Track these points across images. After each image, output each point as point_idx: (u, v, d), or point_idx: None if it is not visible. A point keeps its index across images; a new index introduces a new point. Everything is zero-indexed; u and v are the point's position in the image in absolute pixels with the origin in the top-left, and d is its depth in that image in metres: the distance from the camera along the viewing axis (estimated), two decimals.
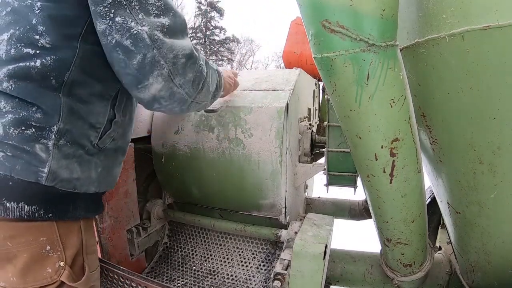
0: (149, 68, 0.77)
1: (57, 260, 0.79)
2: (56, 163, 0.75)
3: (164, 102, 0.86)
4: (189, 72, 0.85)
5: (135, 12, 0.73)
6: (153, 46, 0.75)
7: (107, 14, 0.72)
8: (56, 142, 0.75)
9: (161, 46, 0.77)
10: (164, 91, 0.82)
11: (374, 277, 1.53)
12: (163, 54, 0.77)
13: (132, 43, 0.74)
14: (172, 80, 0.82)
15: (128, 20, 0.73)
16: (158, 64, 0.77)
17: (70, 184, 0.79)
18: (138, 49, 0.74)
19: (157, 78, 0.79)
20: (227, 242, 1.57)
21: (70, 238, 0.83)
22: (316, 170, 1.56)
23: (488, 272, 1.13)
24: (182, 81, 0.84)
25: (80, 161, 0.81)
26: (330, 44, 0.75)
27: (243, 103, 1.37)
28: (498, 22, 0.69)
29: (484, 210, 0.97)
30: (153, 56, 0.76)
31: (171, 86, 0.82)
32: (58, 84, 0.75)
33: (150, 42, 0.75)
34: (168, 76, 0.80)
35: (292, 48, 2.74)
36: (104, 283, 1.16)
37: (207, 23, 28.46)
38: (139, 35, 0.74)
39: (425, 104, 0.96)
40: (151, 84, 0.79)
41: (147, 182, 1.70)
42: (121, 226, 1.43)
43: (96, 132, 0.83)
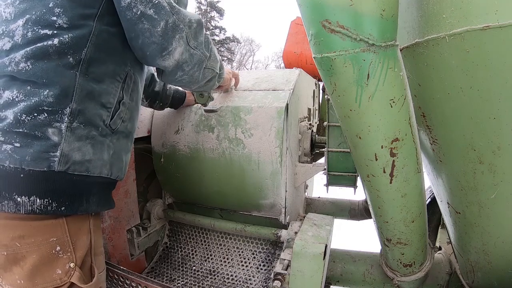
0: (171, 33, 0.84)
1: (68, 261, 0.78)
2: (68, 145, 0.76)
3: (187, 66, 0.93)
4: (200, 36, 0.93)
5: None
6: (172, 12, 0.83)
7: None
8: (69, 125, 0.76)
9: (179, 12, 0.85)
10: (186, 53, 0.90)
11: (374, 277, 1.53)
12: (181, 19, 0.85)
13: (155, 11, 0.80)
14: (188, 43, 0.89)
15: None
16: (178, 28, 0.85)
17: (82, 166, 0.79)
18: (161, 16, 0.81)
19: (179, 41, 0.86)
20: (227, 242, 1.57)
21: (80, 239, 0.82)
22: (316, 170, 1.56)
23: (488, 272, 1.13)
24: (196, 43, 0.92)
25: (94, 143, 0.82)
26: (330, 44, 0.75)
27: (243, 103, 1.37)
28: (498, 22, 0.69)
29: (484, 210, 0.97)
30: (174, 21, 0.83)
31: (188, 48, 0.90)
32: (75, 62, 0.77)
33: (170, 8, 0.82)
34: (186, 40, 0.88)
35: (292, 48, 2.74)
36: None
37: (207, 23, 28.44)
38: (160, 4, 0.81)
39: (425, 104, 0.96)
40: (174, 49, 0.86)
41: (147, 182, 1.70)
42: (121, 226, 1.43)
43: (107, 111, 0.85)
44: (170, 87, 1.40)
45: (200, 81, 1.05)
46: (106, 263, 1.13)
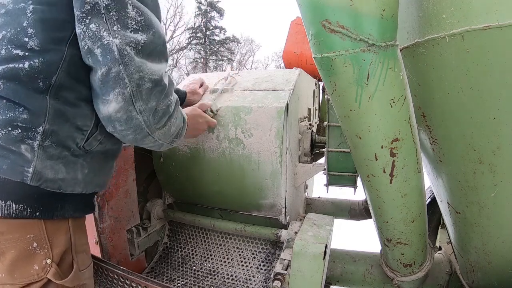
0: (112, 84, 0.75)
1: (44, 258, 0.80)
2: (41, 163, 0.76)
3: (120, 126, 0.81)
4: (153, 100, 0.81)
5: (111, 22, 0.72)
6: (120, 61, 0.73)
7: (83, 20, 0.72)
8: (41, 143, 0.75)
9: (129, 63, 0.74)
10: (122, 112, 0.78)
11: (374, 277, 1.53)
12: (129, 72, 0.74)
13: (101, 53, 0.73)
14: (133, 103, 0.77)
15: (102, 29, 0.72)
16: (121, 82, 0.74)
17: (55, 184, 0.80)
18: (105, 61, 0.73)
19: (117, 96, 0.76)
20: (227, 242, 1.57)
21: (58, 236, 0.83)
22: (316, 170, 1.56)
23: (488, 272, 1.13)
24: (144, 107, 0.80)
25: (66, 162, 0.81)
26: (330, 44, 0.76)
27: (243, 103, 1.37)
28: (498, 22, 0.69)
29: (484, 210, 0.97)
30: (118, 72, 0.73)
31: (131, 109, 0.78)
32: (45, 87, 0.75)
33: (118, 56, 0.73)
34: (130, 98, 0.76)
35: (292, 48, 2.74)
36: (104, 283, 1.17)
37: (207, 23, 28.46)
38: (109, 46, 0.72)
39: (425, 104, 0.96)
40: (110, 102, 0.77)
41: (147, 182, 1.70)
42: (121, 226, 1.43)
43: (82, 134, 0.83)
44: None
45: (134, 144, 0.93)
46: (106, 263, 1.14)
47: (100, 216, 1.31)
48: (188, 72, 26.18)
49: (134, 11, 0.75)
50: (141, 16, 0.76)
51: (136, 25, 0.75)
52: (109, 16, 0.72)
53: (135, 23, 0.75)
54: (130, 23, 0.74)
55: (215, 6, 28.16)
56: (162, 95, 0.84)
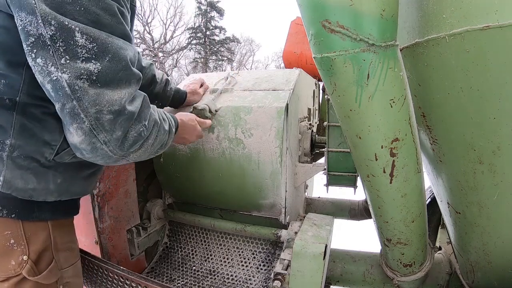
0: (69, 119, 0.71)
1: (21, 254, 0.82)
2: (10, 172, 0.77)
3: (87, 154, 0.78)
4: (118, 130, 0.75)
5: (59, 54, 0.66)
6: (72, 97, 0.68)
7: (30, 54, 0.67)
8: (9, 154, 0.77)
9: (82, 98, 0.69)
10: (85, 144, 0.74)
11: (374, 277, 1.53)
12: (84, 107, 0.69)
13: (52, 88, 0.69)
14: (96, 136, 0.73)
15: (49, 63, 0.67)
16: (77, 117, 0.70)
17: (26, 193, 0.81)
18: (57, 97, 0.69)
19: (77, 131, 0.72)
20: (227, 242, 1.57)
21: (36, 234, 0.85)
22: (316, 170, 1.56)
23: (488, 272, 1.13)
24: (108, 138, 0.75)
25: (36, 172, 0.81)
26: (330, 44, 0.76)
27: (243, 103, 1.37)
28: (498, 22, 0.69)
29: (484, 210, 0.97)
30: (73, 108, 0.69)
31: (94, 141, 0.74)
32: (12, 104, 0.76)
33: (70, 91, 0.68)
34: (90, 131, 0.72)
35: (292, 48, 2.75)
36: (104, 283, 1.17)
37: (207, 23, 28.46)
38: (58, 82, 0.67)
39: (425, 104, 0.96)
40: (72, 134, 0.74)
41: (147, 182, 1.70)
42: (121, 226, 1.43)
43: (51, 149, 0.82)
44: (171, 88, 1.40)
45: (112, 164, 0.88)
46: (106, 263, 1.13)
47: (100, 216, 1.31)
48: (188, 72, 26.19)
49: (83, 38, 0.68)
50: (92, 42, 0.69)
51: (88, 53, 0.69)
52: (55, 48, 0.66)
53: (86, 51, 0.68)
54: (80, 52, 0.68)
55: (215, 6, 28.16)
56: (130, 122, 0.77)
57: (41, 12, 0.64)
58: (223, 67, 29.21)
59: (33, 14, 0.65)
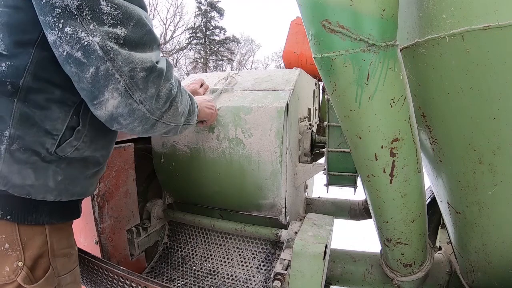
0: (104, 82, 0.71)
1: (16, 260, 0.78)
2: (7, 167, 0.74)
3: (124, 120, 0.79)
4: (151, 87, 0.78)
5: (86, 22, 0.68)
6: (106, 58, 0.70)
7: (56, 25, 0.68)
8: (8, 147, 0.73)
9: (115, 58, 0.71)
10: (122, 107, 0.76)
11: (374, 277, 1.53)
12: (118, 67, 0.71)
13: (83, 54, 0.69)
14: (131, 96, 0.75)
15: (78, 30, 0.68)
16: (112, 78, 0.71)
17: (23, 190, 0.77)
18: (90, 61, 0.69)
19: (112, 92, 0.73)
20: (227, 242, 1.57)
21: (32, 239, 0.81)
22: (316, 170, 1.56)
23: (488, 272, 1.13)
24: (143, 96, 0.77)
25: (35, 168, 0.78)
26: (330, 44, 0.75)
27: (243, 103, 1.37)
28: (498, 22, 0.69)
29: (484, 210, 0.97)
30: (107, 69, 0.70)
31: (130, 102, 0.75)
32: (13, 90, 0.73)
33: (103, 53, 0.69)
34: (126, 91, 0.74)
35: (292, 48, 2.75)
36: (104, 283, 1.17)
37: (207, 23, 28.46)
38: (90, 46, 0.68)
39: (425, 104, 0.96)
40: (107, 100, 0.74)
41: (147, 182, 1.70)
42: (121, 226, 1.43)
43: (52, 139, 0.79)
44: None
45: (148, 134, 0.90)
46: (106, 263, 1.13)
47: (100, 216, 1.31)
48: (188, 72, 26.18)
49: (108, 6, 0.70)
50: (116, 9, 0.71)
51: (113, 19, 0.71)
52: (82, 16, 0.68)
53: (111, 18, 0.71)
54: (107, 19, 0.70)
55: (215, 6, 28.16)
56: (161, 80, 0.81)
57: None
58: (223, 67, 29.21)
59: None
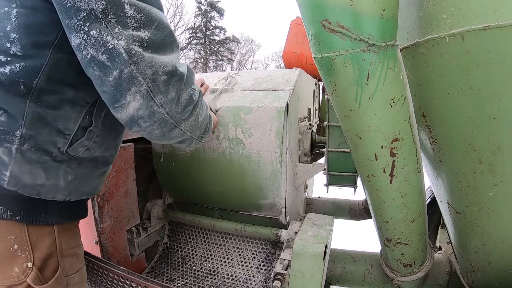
0: (126, 85, 0.73)
1: (25, 261, 0.77)
2: (18, 167, 0.73)
3: (144, 123, 0.80)
4: (172, 91, 0.80)
5: (112, 25, 0.70)
6: (130, 61, 0.72)
7: (82, 28, 0.69)
8: (19, 147, 0.73)
9: (139, 62, 0.73)
10: (143, 109, 0.77)
11: (374, 277, 1.53)
12: (141, 70, 0.73)
13: (108, 58, 0.70)
14: (153, 98, 0.77)
15: (104, 34, 0.69)
16: (135, 81, 0.73)
17: (33, 190, 0.77)
18: (115, 64, 0.71)
19: (134, 95, 0.75)
20: (227, 242, 1.57)
21: (41, 240, 0.80)
22: (316, 170, 1.56)
23: (488, 272, 1.13)
24: (164, 99, 0.79)
25: (46, 168, 0.78)
26: (330, 44, 0.75)
27: (243, 103, 1.37)
28: (498, 22, 0.69)
29: (484, 210, 0.97)
30: (131, 72, 0.72)
31: (151, 104, 0.77)
32: (26, 90, 0.73)
33: (127, 56, 0.71)
34: (148, 94, 0.76)
35: (292, 48, 2.75)
36: (104, 283, 1.17)
37: (207, 23, 28.46)
38: (115, 50, 0.70)
39: (425, 104, 0.96)
40: (128, 103, 0.75)
41: (147, 182, 1.70)
42: (121, 226, 1.43)
43: (64, 138, 0.79)
44: None
45: (164, 140, 0.91)
46: (106, 263, 1.14)
47: (100, 216, 1.31)
48: None
49: (132, 9, 0.72)
50: (140, 13, 0.74)
51: (137, 23, 0.73)
52: (107, 19, 0.69)
53: (135, 21, 0.73)
54: (131, 22, 0.72)
55: (215, 6, 28.16)
56: (181, 84, 0.82)
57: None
58: (223, 67, 29.21)
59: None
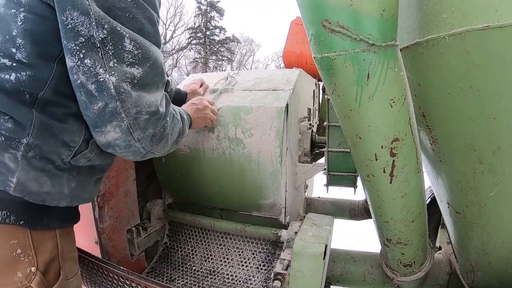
0: (109, 117, 0.74)
1: (29, 265, 0.76)
2: (25, 174, 0.73)
3: (119, 150, 0.83)
4: (150, 128, 0.82)
5: (107, 57, 0.70)
6: (117, 98, 0.72)
7: (77, 53, 0.68)
8: (24, 154, 0.72)
9: (125, 100, 0.73)
10: (121, 141, 0.79)
11: (374, 277, 1.53)
12: (126, 108, 0.74)
13: (96, 89, 0.70)
14: (131, 133, 0.79)
15: (97, 65, 0.69)
16: (118, 116, 0.74)
17: (39, 197, 0.77)
18: (101, 97, 0.71)
19: (115, 128, 0.76)
20: (227, 242, 1.57)
21: (44, 244, 0.80)
22: (316, 170, 1.56)
23: (488, 272, 1.13)
24: (141, 135, 0.81)
25: (50, 176, 0.78)
26: (330, 44, 0.76)
27: (243, 103, 1.37)
28: (498, 22, 0.69)
29: (484, 210, 0.97)
30: (115, 108, 0.73)
31: (129, 139, 0.79)
32: (32, 100, 0.72)
33: (115, 93, 0.71)
34: (127, 130, 0.77)
35: (292, 48, 2.74)
36: (104, 283, 1.17)
37: (207, 23, 28.46)
38: (105, 84, 0.70)
39: (425, 104, 0.96)
40: (108, 132, 0.77)
41: (147, 182, 1.70)
42: (121, 226, 1.43)
43: (69, 150, 0.80)
44: (171, 89, 1.40)
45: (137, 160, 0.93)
46: (106, 263, 1.13)
47: (100, 216, 1.31)
48: (188, 72, 26.19)
49: (131, 44, 0.72)
50: (138, 49, 0.74)
51: (133, 58, 0.73)
52: (105, 50, 0.69)
53: (131, 56, 0.73)
54: (127, 57, 0.72)
55: (215, 6, 28.16)
56: (159, 122, 0.84)
57: (95, 15, 0.67)
58: (223, 67, 29.22)
59: (86, 15, 0.66)
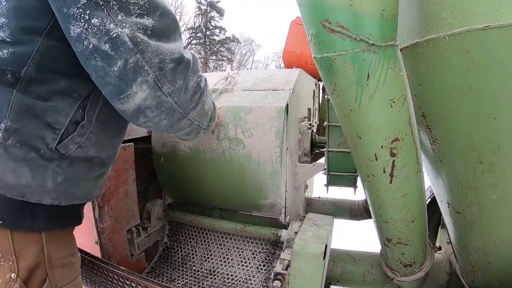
0: (132, 75, 0.69)
1: (9, 271, 0.71)
2: (1, 165, 0.67)
3: (151, 113, 0.77)
4: (180, 79, 0.77)
5: (114, 12, 0.65)
6: (135, 50, 0.68)
7: (82, 16, 0.64)
8: (3, 141, 0.66)
9: (145, 50, 0.69)
10: (151, 99, 0.74)
11: (374, 277, 1.53)
12: (148, 59, 0.70)
13: (111, 47, 0.66)
14: (160, 88, 0.74)
15: (106, 21, 0.65)
16: (142, 70, 0.70)
17: (17, 191, 0.70)
18: (119, 54, 0.67)
19: (141, 85, 0.71)
20: (227, 242, 1.57)
21: (27, 248, 0.74)
22: (316, 170, 1.56)
23: (488, 272, 1.13)
24: (172, 88, 0.76)
25: (32, 166, 0.70)
26: (330, 44, 0.75)
27: (243, 103, 1.37)
28: (498, 22, 0.69)
29: (484, 210, 0.97)
30: (136, 61, 0.68)
31: (159, 94, 0.74)
32: (14, 80, 0.68)
33: (132, 45, 0.67)
34: (155, 84, 0.72)
35: (292, 48, 2.75)
36: (104, 283, 1.17)
37: (207, 23, 28.46)
38: (120, 38, 0.66)
39: (425, 104, 0.96)
40: (135, 93, 0.72)
41: (147, 182, 1.70)
42: (121, 226, 1.43)
43: (54, 133, 0.73)
44: None
45: (172, 131, 0.87)
46: (106, 263, 1.13)
47: (100, 216, 1.31)
48: None
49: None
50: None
51: (140, 9, 0.69)
52: (109, 6, 0.65)
53: (138, 8, 0.69)
54: (134, 9, 0.68)
55: (215, 6, 28.16)
56: (188, 71, 0.80)
57: None
58: (223, 67, 29.22)
59: None
